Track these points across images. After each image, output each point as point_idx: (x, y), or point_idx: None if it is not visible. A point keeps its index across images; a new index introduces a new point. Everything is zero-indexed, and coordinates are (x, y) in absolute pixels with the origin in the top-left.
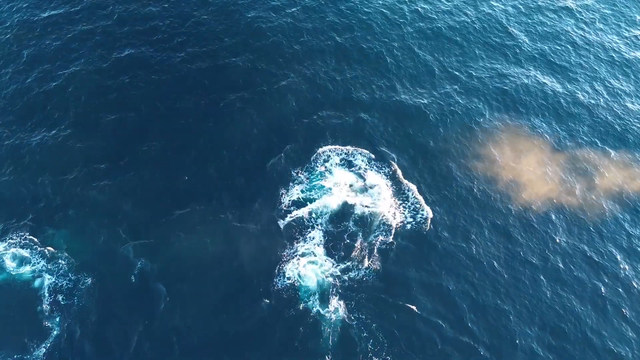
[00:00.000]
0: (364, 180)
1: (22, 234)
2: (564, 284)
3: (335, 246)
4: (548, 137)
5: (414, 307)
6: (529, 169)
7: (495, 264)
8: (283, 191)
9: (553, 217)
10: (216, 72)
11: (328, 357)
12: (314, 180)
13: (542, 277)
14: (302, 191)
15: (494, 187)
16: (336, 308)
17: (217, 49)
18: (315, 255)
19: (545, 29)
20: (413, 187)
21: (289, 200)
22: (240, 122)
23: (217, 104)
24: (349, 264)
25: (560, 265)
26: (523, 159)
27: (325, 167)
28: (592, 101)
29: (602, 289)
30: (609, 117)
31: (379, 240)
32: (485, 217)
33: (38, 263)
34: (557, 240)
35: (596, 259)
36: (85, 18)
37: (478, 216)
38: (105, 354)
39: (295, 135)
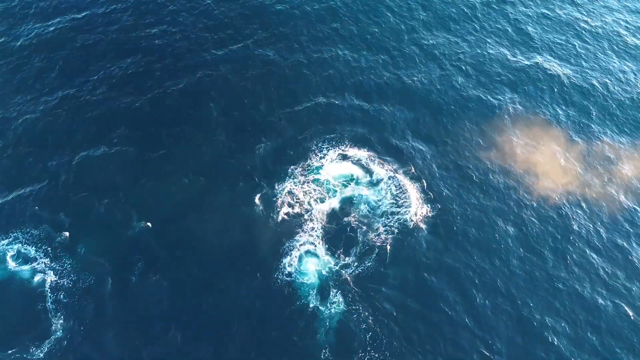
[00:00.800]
0: (370, 173)
1: (28, 229)
2: (576, 277)
3: (337, 240)
4: (562, 128)
5: (415, 302)
6: (542, 161)
7: (506, 257)
8: (285, 183)
9: (568, 208)
10: (221, 70)
11: (326, 351)
12: (317, 172)
13: (554, 269)
14: (304, 183)
15: (506, 179)
16: (335, 301)
17: (223, 46)
18: (315, 247)
19: (556, 19)
20: (422, 179)
21: (291, 193)
22: (245, 118)
23: (221, 101)
24: (349, 257)
25: (574, 257)
26: (537, 151)
27: (330, 159)
28: (607, 91)
29: (617, 280)
30: (624, 107)
31: (383, 234)
32: (497, 209)
33: (41, 260)
34: (572, 232)
35: (609, 252)
36: (95, 23)
37: (489, 209)
38: (108, 353)
39: (300, 129)
